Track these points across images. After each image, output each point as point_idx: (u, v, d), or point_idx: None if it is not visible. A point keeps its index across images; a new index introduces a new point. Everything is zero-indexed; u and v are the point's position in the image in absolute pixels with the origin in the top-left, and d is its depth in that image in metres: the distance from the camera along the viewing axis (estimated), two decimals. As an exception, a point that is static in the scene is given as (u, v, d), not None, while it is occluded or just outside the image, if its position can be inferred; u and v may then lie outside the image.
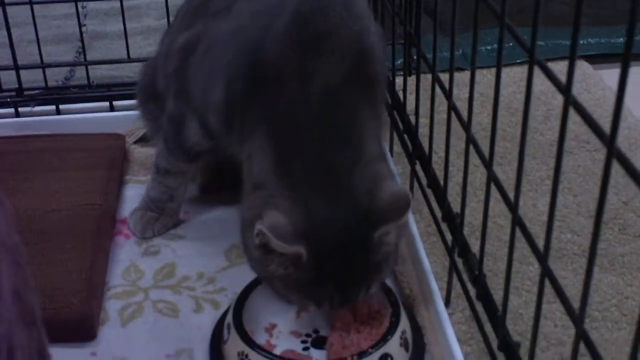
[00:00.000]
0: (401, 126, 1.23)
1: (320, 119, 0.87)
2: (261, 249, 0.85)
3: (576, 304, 0.66)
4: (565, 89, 0.60)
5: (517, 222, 0.74)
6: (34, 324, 0.57)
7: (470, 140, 0.85)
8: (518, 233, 0.77)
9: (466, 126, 0.86)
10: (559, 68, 0.72)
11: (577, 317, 0.63)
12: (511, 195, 0.78)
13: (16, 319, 0.53)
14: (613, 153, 0.53)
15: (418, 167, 1.15)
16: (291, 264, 0.84)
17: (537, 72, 0.66)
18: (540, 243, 0.71)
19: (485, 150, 0.83)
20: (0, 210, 0.54)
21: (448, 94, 0.93)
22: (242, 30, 0.95)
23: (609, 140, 0.53)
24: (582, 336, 0.62)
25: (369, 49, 0.92)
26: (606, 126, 0.55)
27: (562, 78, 0.62)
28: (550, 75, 0.63)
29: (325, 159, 0.86)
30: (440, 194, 1.03)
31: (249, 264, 0.92)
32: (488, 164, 0.80)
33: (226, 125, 0.97)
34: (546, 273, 0.68)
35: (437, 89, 1.01)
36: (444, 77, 0.97)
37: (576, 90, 0.62)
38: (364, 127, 0.89)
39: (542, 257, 0.69)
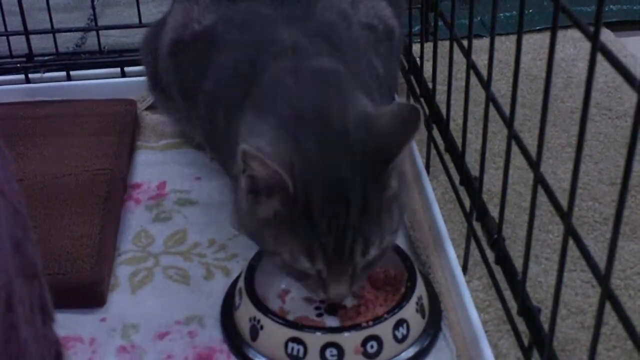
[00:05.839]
0: (418, 91, 1.20)
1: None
2: (250, 197, 0.80)
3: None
4: (592, 35, 0.57)
5: (539, 179, 0.72)
6: (35, 277, 0.55)
7: (490, 98, 0.82)
8: (538, 200, 0.74)
9: (485, 84, 0.83)
10: (580, 35, 0.69)
11: (602, 275, 0.60)
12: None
13: (16, 270, 0.51)
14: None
15: (435, 134, 1.12)
16: (278, 201, 0.77)
17: (558, 39, 0.64)
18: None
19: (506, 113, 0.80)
20: (-1, 158, 0.51)
21: (467, 52, 0.90)
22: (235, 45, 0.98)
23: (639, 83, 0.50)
24: (608, 295, 0.59)
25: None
26: (629, 93, 0.52)
27: (585, 45, 0.59)
28: (575, 20, 0.60)
29: (315, 110, 0.82)
30: (458, 156, 1.00)
31: (252, 239, 0.88)
32: (509, 121, 0.77)
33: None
34: (569, 231, 0.65)
35: (455, 56, 0.99)
36: (463, 43, 0.95)
37: (598, 57, 0.59)
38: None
39: (564, 214, 0.66)
